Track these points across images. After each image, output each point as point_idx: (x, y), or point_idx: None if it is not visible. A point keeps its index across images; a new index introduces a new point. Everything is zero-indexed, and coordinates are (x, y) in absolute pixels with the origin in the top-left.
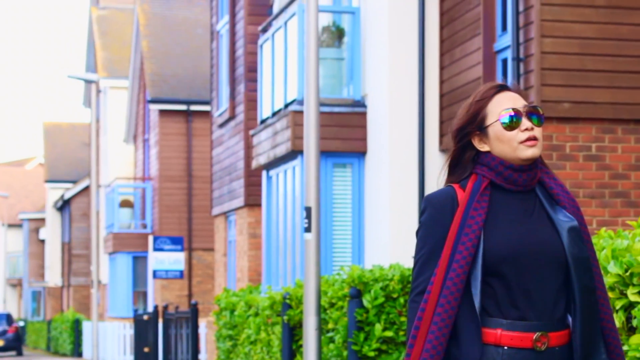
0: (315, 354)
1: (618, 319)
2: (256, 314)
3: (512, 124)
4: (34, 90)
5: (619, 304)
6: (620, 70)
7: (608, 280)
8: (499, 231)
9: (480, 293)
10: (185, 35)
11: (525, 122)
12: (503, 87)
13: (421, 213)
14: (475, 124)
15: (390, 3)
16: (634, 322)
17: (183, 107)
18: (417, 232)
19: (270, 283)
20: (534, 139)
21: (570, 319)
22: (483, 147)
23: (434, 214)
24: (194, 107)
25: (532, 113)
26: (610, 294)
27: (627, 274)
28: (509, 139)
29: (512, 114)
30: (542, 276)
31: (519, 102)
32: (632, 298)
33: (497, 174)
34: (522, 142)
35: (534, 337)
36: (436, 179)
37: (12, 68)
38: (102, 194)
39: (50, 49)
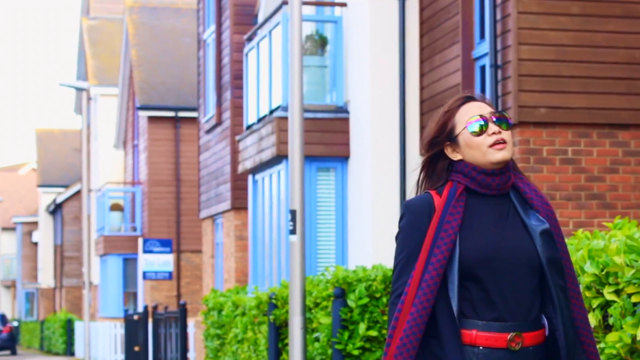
0: (300, 352)
1: (595, 317)
2: (243, 314)
3: (479, 130)
4: (27, 98)
5: (595, 303)
6: (595, 76)
7: (585, 279)
8: (474, 235)
9: (458, 296)
10: (173, 44)
11: (492, 127)
12: (469, 98)
13: (400, 218)
14: (445, 134)
15: (372, 12)
16: (610, 320)
17: (171, 114)
18: (397, 237)
19: (257, 283)
20: (503, 141)
21: (544, 319)
22: (456, 156)
23: (412, 219)
24: (181, 114)
25: (498, 118)
26: (587, 293)
27: (603, 273)
28: (478, 144)
29: (479, 119)
30: (516, 278)
31: (484, 110)
32: (608, 297)
33: (471, 180)
34: (491, 146)
35: (508, 337)
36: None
37: (5, 76)
38: (93, 198)
39: (42, 58)
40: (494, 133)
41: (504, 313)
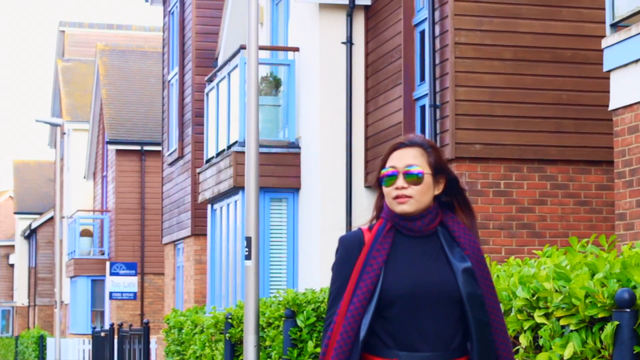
0: None
1: (526, 339)
2: (201, 332)
3: (387, 182)
4: (4, 131)
5: (526, 325)
6: (525, 115)
7: (517, 303)
8: (397, 271)
9: (378, 326)
10: (140, 84)
11: (399, 181)
12: (404, 145)
13: (335, 252)
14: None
15: (321, 56)
16: (540, 341)
17: (137, 148)
18: (333, 268)
19: (214, 304)
20: (403, 196)
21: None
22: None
23: (344, 253)
24: (147, 148)
25: (408, 173)
26: (519, 316)
27: (534, 298)
28: (386, 194)
29: (387, 173)
30: (437, 312)
31: (404, 161)
32: (538, 320)
33: (394, 222)
34: (393, 199)
35: None
36: (361, 212)
37: None
38: (65, 224)
39: (20, 95)
40: (397, 188)
41: (422, 344)
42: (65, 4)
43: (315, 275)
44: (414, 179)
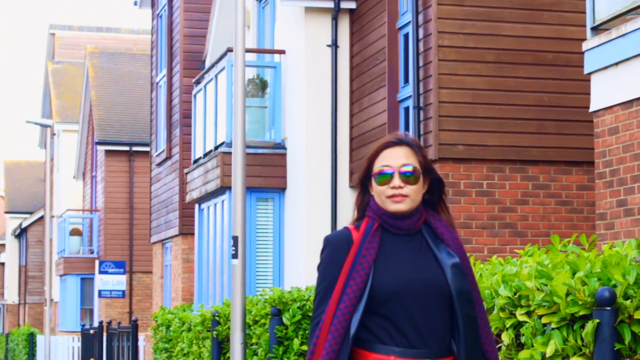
0: None
1: (508, 336)
2: (189, 329)
3: (382, 181)
4: None
5: (509, 323)
6: (507, 117)
7: (499, 301)
8: (387, 269)
9: (373, 323)
10: (129, 87)
11: (395, 180)
12: (394, 143)
13: (321, 251)
14: (368, 173)
15: (307, 59)
16: (522, 339)
17: (126, 148)
18: (318, 268)
19: (202, 302)
20: (400, 196)
21: (454, 345)
22: (371, 191)
23: (332, 253)
24: (135, 148)
25: (404, 172)
26: (501, 314)
27: (516, 296)
28: (379, 193)
29: (383, 171)
30: (429, 308)
31: (399, 160)
32: (520, 318)
33: (382, 220)
34: (388, 197)
35: None
36: (346, 212)
37: None
38: (54, 223)
39: (10, 97)
40: (394, 187)
41: (416, 341)
42: (55, 8)
43: (301, 273)
44: (411, 178)
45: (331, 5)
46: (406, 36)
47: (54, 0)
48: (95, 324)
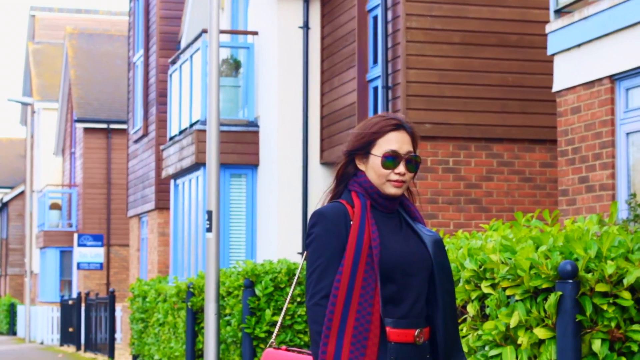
0: (214, 335)
1: (473, 308)
2: (164, 301)
3: (388, 165)
4: None
5: (474, 295)
6: (473, 96)
7: (465, 274)
8: (386, 244)
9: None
10: (107, 66)
11: (400, 167)
12: (400, 127)
13: (312, 226)
14: (364, 148)
15: (279, 40)
16: (487, 310)
17: (104, 126)
18: (309, 243)
19: (177, 274)
20: (401, 181)
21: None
22: (360, 166)
23: (330, 226)
24: (113, 126)
25: (410, 161)
26: (467, 287)
27: (481, 269)
28: (381, 175)
29: (392, 156)
30: (417, 281)
31: (404, 147)
32: (485, 290)
33: (373, 199)
34: (390, 181)
35: (415, 333)
36: (317, 188)
37: None
38: (35, 198)
39: None
40: (398, 174)
41: (409, 311)
42: None
43: (272, 247)
44: (414, 167)
45: None
46: (375, 18)
47: None
48: (74, 295)
